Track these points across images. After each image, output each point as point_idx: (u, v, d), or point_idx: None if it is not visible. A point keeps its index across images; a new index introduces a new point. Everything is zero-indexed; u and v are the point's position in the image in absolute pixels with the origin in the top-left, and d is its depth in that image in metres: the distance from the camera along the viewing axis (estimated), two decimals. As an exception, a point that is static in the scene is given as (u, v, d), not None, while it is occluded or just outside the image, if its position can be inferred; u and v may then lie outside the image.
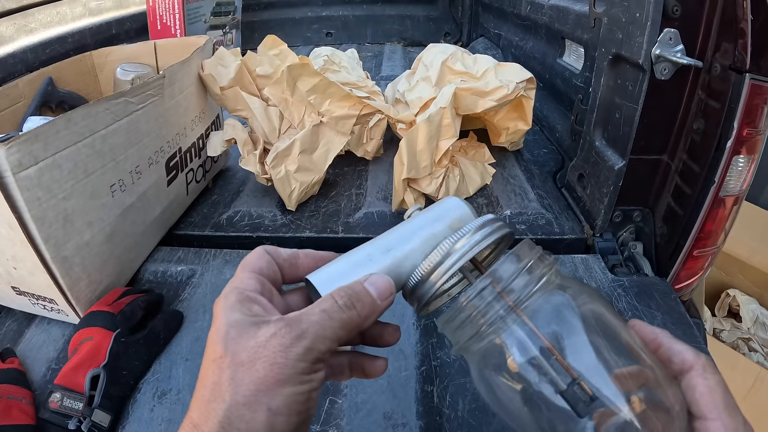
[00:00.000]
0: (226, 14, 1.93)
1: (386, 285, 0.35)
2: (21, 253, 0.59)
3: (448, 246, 0.36)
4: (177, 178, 0.89)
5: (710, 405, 0.31)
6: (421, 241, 0.39)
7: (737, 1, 0.64)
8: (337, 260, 0.38)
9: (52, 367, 0.65)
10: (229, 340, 0.31)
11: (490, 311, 0.34)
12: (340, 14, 2.36)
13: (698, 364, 0.33)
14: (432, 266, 0.36)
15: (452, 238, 0.36)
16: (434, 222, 0.40)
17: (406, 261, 0.38)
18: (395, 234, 0.40)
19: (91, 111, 0.65)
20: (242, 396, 0.29)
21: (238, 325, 0.31)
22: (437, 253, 0.36)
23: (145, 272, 0.82)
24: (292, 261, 0.38)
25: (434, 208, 0.42)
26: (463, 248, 0.36)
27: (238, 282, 0.34)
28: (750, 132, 0.67)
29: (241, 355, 0.30)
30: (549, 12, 1.25)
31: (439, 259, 0.36)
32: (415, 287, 0.37)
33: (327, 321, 0.32)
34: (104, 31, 1.55)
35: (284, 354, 0.30)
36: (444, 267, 0.36)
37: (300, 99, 0.94)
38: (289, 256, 0.38)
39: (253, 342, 0.30)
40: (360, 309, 0.33)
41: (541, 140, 1.27)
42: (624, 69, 0.80)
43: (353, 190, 1.04)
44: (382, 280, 0.35)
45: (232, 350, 0.30)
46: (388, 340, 0.40)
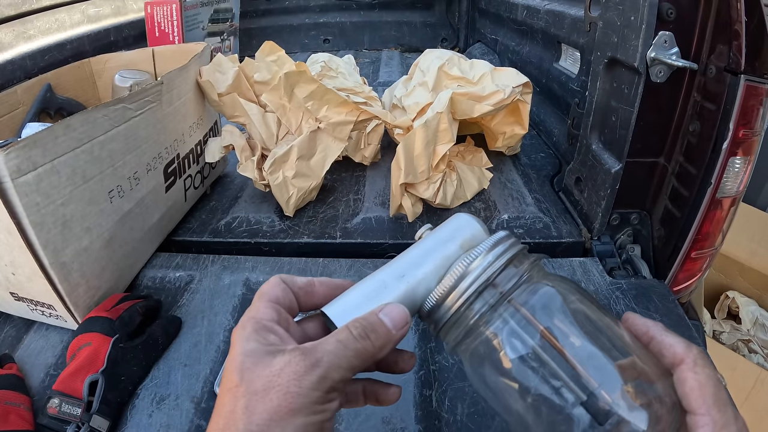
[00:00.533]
0: (223, 21, 1.94)
1: (401, 315, 0.36)
2: (19, 258, 0.59)
3: (461, 269, 0.36)
4: (175, 184, 0.89)
5: (699, 400, 0.31)
6: (434, 266, 0.39)
7: (731, 3, 0.64)
8: (352, 290, 0.39)
9: (51, 372, 0.65)
10: (245, 369, 0.31)
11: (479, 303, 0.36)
12: (337, 21, 2.37)
13: (689, 357, 0.33)
14: (446, 290, 0.36)
15: (465, 260, 0.37)
16: (446, 243, 0.40)
17: (420, 286, 0.38)
18: (407, 258, 0.40)
19: (89, 117, 0.65)
20: (255, 425, 0.29)
21: (253, 354, 0.32)
22: (451, 277, 0.37)
23: (143, 278, 0.82)
24: (308, 289, 0.39)
25: (445, 228, 0.42)
26: (477, 270, 0.36)
27: (254, 312, 0.35)
28: (746, 133, 0.68)
29: (255, 384, 0.30)
30: (545, 17, 1.25)
31: (453, 282, 0.36)
32: (431, 311, 0.38)
33: (342, 351, 0.32)
34: (103, 38, 1.56)
35: (298, 383, 0.30)
36: (459, 290, 0.36)
37: (297, 105, 0.94)
38: (305, 284, 0.39)
39: (267, 371, 0.31)
40: (375, 339, 0.34)
41: (538, 144, 1.27)
42: (620, 72, 0.80)
43: (351, 196, 1.04)
44: (396, 310, 0.36)
45: (248, 379, 0.31)
46: (403, 367, 0.40)
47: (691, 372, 0.32)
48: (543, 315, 0.35)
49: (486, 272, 0.36)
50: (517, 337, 0.34)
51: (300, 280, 0.39)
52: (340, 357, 0.32)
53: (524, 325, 0.35)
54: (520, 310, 0.35)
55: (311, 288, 0.39)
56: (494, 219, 0.94)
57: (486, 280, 0.36)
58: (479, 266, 0.36)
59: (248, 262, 0.84)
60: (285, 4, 2.33)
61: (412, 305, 0.38)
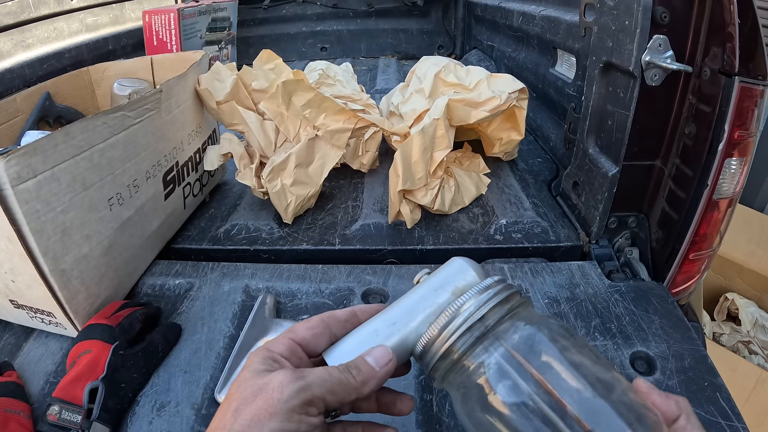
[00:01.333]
0: (221, 30, 1.95)
1: (385, 355, 0.40)
2: (19, 266, 0.59)
3: (448, 316, 0.39)
4: (174, 192, 0.90)
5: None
6: (426, 314, 0.42)
7: (724, 5, 0.65)
8: (349, 336, 0.42)
9: (51, 380, 0.64)
10: (242, 381, 0.36)
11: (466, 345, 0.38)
12: (334, 29, 2.38)
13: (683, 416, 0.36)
14: (433, 336, 0.39)
15: (453, 306, 0.39)
16: (438, 290, 0.43)
17: (411, 333, 0.41)
18: (401, 306, 0.43)
19: (89, 125, 0.65)
20: (239, 424, 0.34)
21: (253, 371, 0.37)
22: (437, 324, 0.39)
23: (143, 286, 0.82)
24: (352, 319, 0.44)
25: (439, 274, 0.44)
26: (462, 315, 0.39)
27: (271, 343, 0.40)
28: (741, 134, 0.68)
29: (247, 391, 0.35)
30: (540, 22, 1.26)
31: (439, 329, 0.39)
32: (421, 355, 0.41)
33: (326, 376, 0.37)
34: (101, 46, 1.57)
35: (280, 390, 0.35)
36: (445, 335, 0.39)
37: (295, 113, 0.94)
38: (348, 316, 0.44)
39: (260, 381, 0.36)
40: (356, 375, 0.38)
41: (535, 150, 1.28)
42: (615, 76, 0.81)
43: (349, 203, 1.04)
44: (380, 351, 0.40)
45: (242, 388, 0.36)
46: (401, 408, 0.44)
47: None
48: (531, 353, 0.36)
49: (472, 317, 0.38)
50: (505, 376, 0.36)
51: (341, 314, 0.43)
52: (324, 380, 0.37)
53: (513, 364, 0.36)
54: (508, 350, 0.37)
55: (354, 317, 0.44)
56: (492, 224, 0.94)
57: (470, 326, 0.38)
58: (466, 311, 0.39)
59: (247, 269, 0.84)
60: (282, 13, 2.34)
61: (404, 350, 0.41)
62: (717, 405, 0.59)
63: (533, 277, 0.80)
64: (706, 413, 0.58)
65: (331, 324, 0.42)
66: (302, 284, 0.81)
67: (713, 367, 0.64)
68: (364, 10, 2.33)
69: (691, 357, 0.65)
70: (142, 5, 1.84)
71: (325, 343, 0.42)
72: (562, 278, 0.80)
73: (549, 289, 0.78)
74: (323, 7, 2.33)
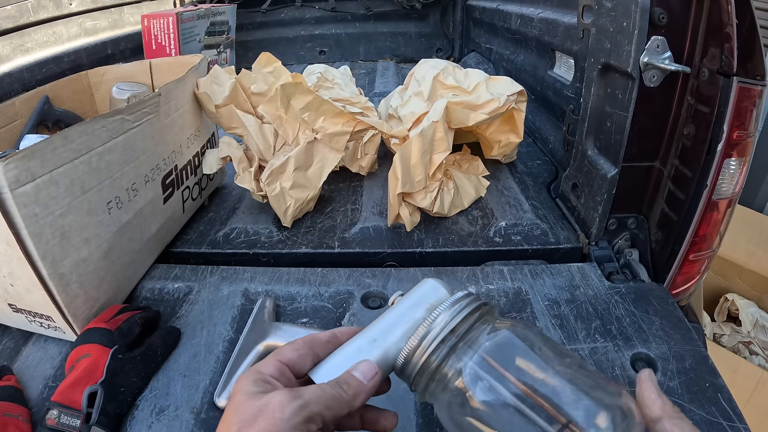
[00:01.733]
0: (220, 34, 1.95)
1: (370, 368, 0.42)
2: (18, 269, 0.59)
3: (424, 329, 0.42)
4: (173, 195, 0.90)
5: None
6: (403, 329, 0.45)
7: (722, 6, 0.65)
8: (333, 355, 0.45)
9: (50, 384, 0.64)
10: (239, 403, 0.37)
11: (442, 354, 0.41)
12: (332, 32, 2.38)
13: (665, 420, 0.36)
14: (411, 349, 0.42)
15: (427, 321, 0.43)
16: (414, 308, 0.46)
17: (392, 348, 0.44)
18: (380, 325, 0.46)
19: (87, 128, 0.65)
20: None
21: (248, 393, 0.38)
22: (415, 337, 0.42)
23: (142, 289, 0.82)
24: (333, 340, 0.46)
25: (414, 294, 0.48)
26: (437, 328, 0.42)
27: (260, 365, 0.41)
28: (740, 135, 0.68)
29: (246, 414, 0.36)
30: (539, 25, 1.26)
31: (417, 342, 0.42)
32: (402, 368, 0.43)
33: (321, 393, 0.38)
34: (100, 50, 1.57)
35: (281, 410, 0.36)
36: (423, 346, 0.42)
37: (294, 116, 0.94)
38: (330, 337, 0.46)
39: (258, 403, 0.37)
40: (347, 389, 0.40)
41: (534, 152, 1.28)
42: (613, 78, 0.81)
43: (349, 206, 1.04)
44: (366, 365, 0.42)
45: (241, 410, 0.37)
46: (385, 425, 0.46)
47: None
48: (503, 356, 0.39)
49: (446, 328, 0.41)
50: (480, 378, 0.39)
51: (323, 336, 0.45)
52: (320, 397, 0.38)
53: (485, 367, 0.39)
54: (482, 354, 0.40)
55: (335, 338, 0.46)
56: (492, 226, 0.94)
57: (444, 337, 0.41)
58: (439, 324, 0.42)
59: (247, 273, 0.84)
60: (281, 17, 2.35)
61: (386, 364, 0.44)
62: (718, 405, 0.59)
63: (533, 279, 0.80)
64: (707, 414, 0.58)
65: (314, 345, 0.44)
66: (301, 288, 0.80)
67: (714, 368, 0.64)
68: (363, 14, 2.34)
69: (692, 358, 0.65)
70: (141, 9, 1.85)
71: (310, 363, 0.43)
72: (562, 280, 0.80)
73: (549, 290, 0.78)
74: (322, 11, 2.34)
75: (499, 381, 0.37)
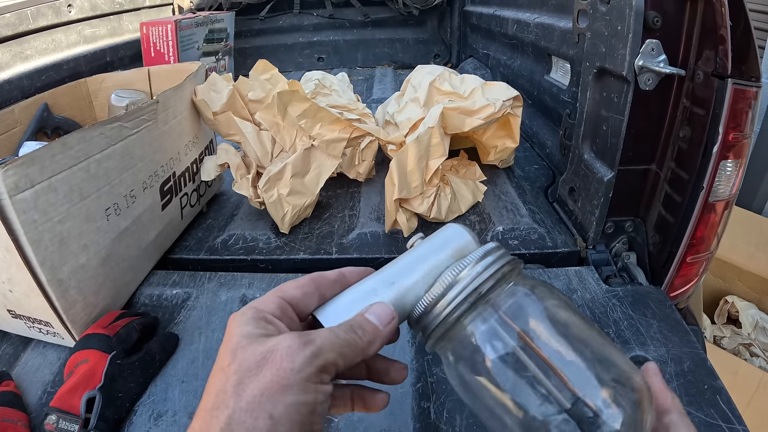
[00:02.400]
0: (218, 41, 1.96)
1: (386, 312, 0.36)
2: (17, 275, 0.60)
3: (450, 278, 0.37)
4: (171, 202, 0.90)
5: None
6: (424, 273, 0.39)
7: (716, 8, 0.65)
8: (342, 294, 0.39)
9: (48, 390, 0.64)
10: (239, 348, 0.31)
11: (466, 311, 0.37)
12: (330, 39, 2.39)
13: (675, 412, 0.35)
14: (435, 298, 0.37)
15: (454, 270, 0.38)
16: (437, 252, 0.40)
17: (410, 293, 0.39)
18: (398, 266, 0.41)
19: (86, 135, 0.66)
20: (245, 402, 0.29)
21: (249, 336, 0.32)
22: (440, 285, 0.37)
23: (140, 296, 0.82)
24: (341, 280, 0.40)
25: (436, 237, 0.42)
26: (465, 279, 0.37)
27: (259, 302, 0.35)
28: (736, 136, 0.68)
29: (248, 361, 0.30)
30: (535, 30, 1.27)
31: (442, 291, 0.37)
32: (419, 318, 0.38)
33: (334, 338, 0.33)
34: (99, 58, 1.58)
35: (291, 358, 0.30)
36: (447, 299, 0.37)
37: (291, 123, 0.95)
38: (338, 277, 0.40)
39: (262, 348, 0.31)
40: (362, 335, 0.34)
41: (531, 156, 1.28)
42: (609, 82, 0.81)
43: (346, 212, 1.04)
44: (381, 308, 0.37)
45: (241, 358, 0.31)
46: (395, 377, 0.41)
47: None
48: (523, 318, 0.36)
49: (474, 282, 0.37)
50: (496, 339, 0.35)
51: (330, 275, 0.39)
52: (333, 342, 0.32)
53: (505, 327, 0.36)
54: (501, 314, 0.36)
55: (343, 278, 0.40)
56: (489, 231, 0.94)
57: (474, 290, 0.36)
58: (468, 276, 0.37)
59: (245, 279, 0.84)
60: (279, 24, 2.36)
61: (402, 311, 0.39)
62: (717, 408, 0.59)
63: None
64: (706, 416, 0.58)
65: (320, 284, 0.38)
66: (300, 293, 0.80)
67: (713, 370, 0.64)
68: (361, 21, 2.35)
69: (690, 360, 0.65)
70: (140, 17, 1.86)
71: (315, 303, 0.38)
72: (559, 284, 0.80)
73: (546, 294, 0.78)
74: (320, 18, 2.35)
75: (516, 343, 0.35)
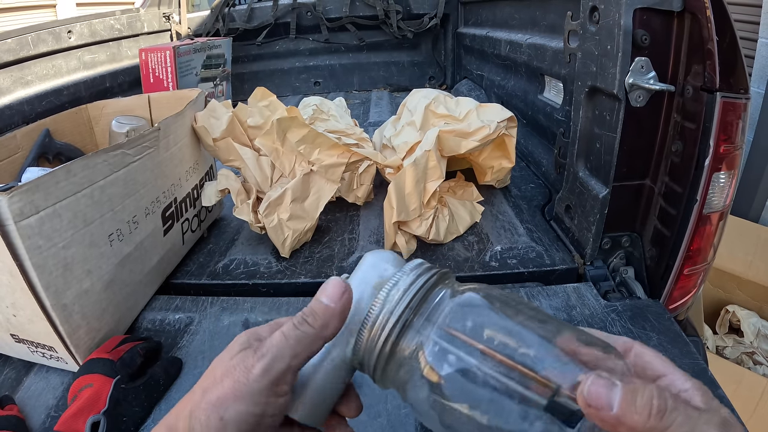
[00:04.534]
0: (216, 67, 1.98)
1: (337, 288, 0.37)
2: (21, 300, 0.60)
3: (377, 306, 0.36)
4: (173, 227, 0.91)
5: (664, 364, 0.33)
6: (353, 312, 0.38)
7: (702, 23, 0.67)
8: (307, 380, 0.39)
9: (52, 414, 0.64)
10: (219, 361, 0.36)
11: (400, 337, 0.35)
12: (327, 63, 2.42)
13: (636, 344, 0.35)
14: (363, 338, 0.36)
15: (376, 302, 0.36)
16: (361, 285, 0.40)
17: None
18: None
19: (89, 162, 0.67)
20: (205, 402, 0.33)
21: (229, 350, 0.36)
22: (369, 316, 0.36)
23: (143, 320, 0.82)
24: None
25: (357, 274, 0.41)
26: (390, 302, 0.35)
27: (258, 327, 0.38)
28: (727, 148, 0.69)
29: (217, 372, 0.35)
30: (527, 50, 1.29)
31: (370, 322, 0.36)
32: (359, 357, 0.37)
33: (283, 341, 0.35)
34: (99, 83, 1.60)
35: (246, 373, 0.34)
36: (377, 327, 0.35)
37: (290, 149, 0.96)
38: None
39: (228, 363, 0.35)
40: (312, 321, 0.36)
41: (528, 176, 1.30)
42: (601, 100, 0.83)
43: (346, 235, 1.05)
44: (332, 285, 0.37)
45: (215, 366, 0.35)
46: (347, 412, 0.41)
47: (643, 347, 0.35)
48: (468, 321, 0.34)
49: (402, 300, 0.35)
50: (443, 351, 0.33)
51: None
52: (283, 348, 0.35)
53: (447, 338, 0.33)
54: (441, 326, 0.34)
55: None
56: (487, 251, 0.95)
57: (399, 315, 0.35)
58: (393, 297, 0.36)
59: (246, 303, 0.85)
60: (275, 49, 2.39)
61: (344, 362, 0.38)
62: (719, 418, 0.59)
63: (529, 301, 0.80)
64: (707, 427, 0.58)
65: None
66: (301, 316, 0.81)
67: (713, 380, 0.64)
68: (356, 45, 2.38)
69: (690, 371, 0.65)
70: (139, 43, 1.89)
71: None
72: (558, 301, 0.81)
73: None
74: (315, 43, 2.38)
75: (468, 352, 0.32)
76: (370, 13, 2.27)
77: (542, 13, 1.26)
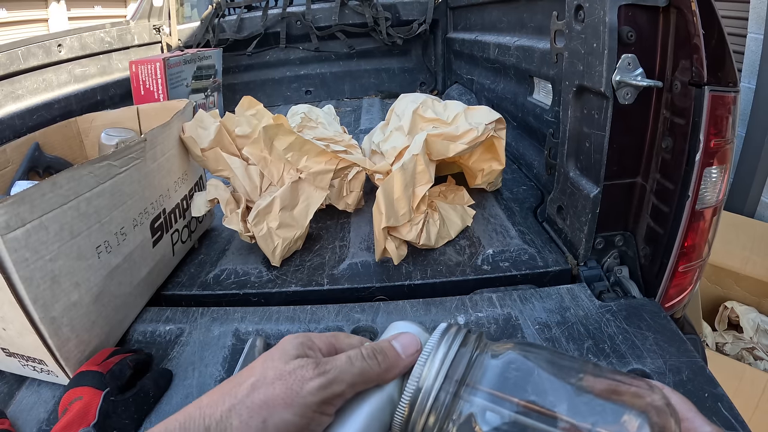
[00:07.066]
0: (207, 78, 1.98)
1: (411, 342, 0.38)
2: (9, 314, 0.60)
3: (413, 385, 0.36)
4: (162, 238, 0.90)
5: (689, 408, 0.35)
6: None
7: (688, 18, 0.67)
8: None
9: (43, 428, 0.64)
10: (269, 359, 0.36)
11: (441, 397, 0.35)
12: (317, 72, 2.43)
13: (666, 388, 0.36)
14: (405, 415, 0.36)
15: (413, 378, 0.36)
16: None
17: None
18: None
19: (75, 174, 0.66)
20: (251, 401, 0.33)
21: (283, 353, 0.36)
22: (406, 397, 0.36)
23: (133, 332, 0.81)
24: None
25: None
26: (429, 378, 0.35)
27: (315, 334, 0.39)
28: (718, 142, 0.69)
29: (269, 373, 0.35)
30: (516, 53, 1.29)
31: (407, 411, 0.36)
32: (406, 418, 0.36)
33: (348, 366, 0.36)
34: (90, 97, 1.60)
35: (301, 384, 0.34)
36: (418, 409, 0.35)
37: (278, 157, 0.95)
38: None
39: (283, 366, 0.35)
40: (381, 360, 0.37)
41: (519, 178, 1.30)
42: (588, 99, 0.83)
43: (336, 242, 1.05)
44: (408, 338, 0.39)
45: (266, 367, 0.35)
46: None
47: None
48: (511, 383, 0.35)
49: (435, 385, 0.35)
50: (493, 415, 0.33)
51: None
52: (345, 372, 0.35)
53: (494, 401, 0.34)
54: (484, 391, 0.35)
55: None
56: (479, 255, 0.95)
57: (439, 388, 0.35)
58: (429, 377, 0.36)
59: (237, 313, 0.84)
60: (266, 59, 2.39)
61: None
62: (719, 415, 0.59)
63: (522, 304, 0.80)
64: (706, 425, 0.58)
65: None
66: (291, 325, 0.80)
67: (712, 378, 0.63)
68: (346, 52, 2.38)
69: (688, 369, 0.65)
70: (129, 55, 1.89)
71: None
72: (552, 303, 0.80)
73: (539, 314, 0.78)
74: (306, 51, 2.38)
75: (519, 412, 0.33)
76: (359, 21, 2.28)
77: (529, 15, 1.27)
